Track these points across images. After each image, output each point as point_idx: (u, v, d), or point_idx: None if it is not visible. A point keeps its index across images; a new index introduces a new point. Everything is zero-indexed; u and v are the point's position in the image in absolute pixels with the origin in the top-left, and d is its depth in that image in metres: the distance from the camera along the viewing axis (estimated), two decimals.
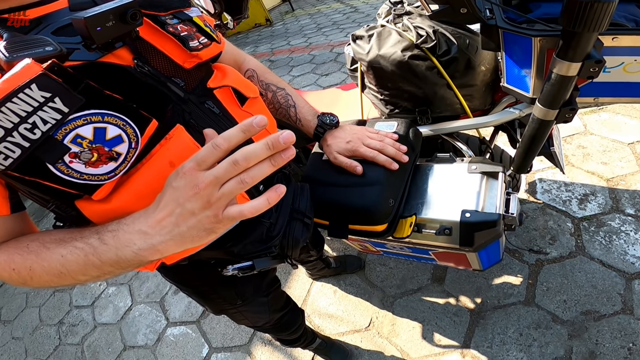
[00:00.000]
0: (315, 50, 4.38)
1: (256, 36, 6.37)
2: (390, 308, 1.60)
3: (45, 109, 0.40)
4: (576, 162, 1.82)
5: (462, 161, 0.90)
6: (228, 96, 0.64)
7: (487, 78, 0.93)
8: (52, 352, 2.17)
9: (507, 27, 0.68)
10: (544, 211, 1.67)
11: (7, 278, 0.47)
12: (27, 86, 0.39)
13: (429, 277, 1.62)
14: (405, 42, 0.89)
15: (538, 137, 0.79)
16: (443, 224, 0.82)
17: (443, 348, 1.42)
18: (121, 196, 0.48)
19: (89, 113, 0.43)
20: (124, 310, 2.17)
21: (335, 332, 1.61)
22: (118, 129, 0.46)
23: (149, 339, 1.96)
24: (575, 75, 0.61)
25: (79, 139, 0.43)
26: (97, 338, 2.11)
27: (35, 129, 0.40)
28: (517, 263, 1.54)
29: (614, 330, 1.27)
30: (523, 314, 1.39)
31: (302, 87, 3.69)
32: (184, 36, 0.58)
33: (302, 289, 1.83)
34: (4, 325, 2.51)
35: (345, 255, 1.84)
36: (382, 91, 1.01)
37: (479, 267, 1.00)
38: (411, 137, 0.86)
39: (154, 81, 0.54)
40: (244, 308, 0.89)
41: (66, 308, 2.39)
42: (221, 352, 1.75)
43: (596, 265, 1.43)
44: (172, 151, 0.51)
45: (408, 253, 1.07)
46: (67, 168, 0.43)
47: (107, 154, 0.45)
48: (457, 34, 0.87)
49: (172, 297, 2.08)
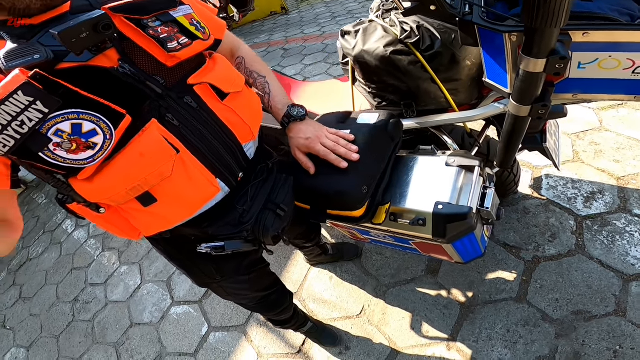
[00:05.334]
0: (328, 39, 4.36)
1: (272, 24, 6.37)
2: (382, 297, 1.63)
3: (30, 110, 0.50)
4: (587, 159, 1.77)
5: (444, 154, 0.92)
6: (207, 92, 0.70)
7: (473, 73, 0.93)
8: (65, 328, 2.32)
9: (481, 23, 0.69)
10: (547, 208, 1.64)
11: None
12: (15, 92, 0.49)
13: (424, 269, 1.64)
14: (389, 37, 0.91)
15: (515, 132, 0.80)
16: (418, 215, 0.85)
17: (430, 340, 1.44)
18: (101, 178, 0.59)
19: (67, 112, 0.53)
20: (134, 289, 2.30)
21: (328, 317, 1.66)
22: (92, 124, 0.55)
23: (154, 317, 2.07)
24: (541, 72, 0.62)
25: (59, 132, 0.54)
26: (107, 315, 2.24)
27: (23, 125, 0.51)
28: (513, 259, 1.53)
29: (602, 332, 1.25)
30: (513, 310, 1.40)
31: (313, 76, 3.69)
32: (163, 38, 0.64)
33: (299, 274, 1.88)
34: (24, 302, 2.69)
35: (343, 243, 1.88)
36: (369, 85, 1.03)
37: (459, 259, 1.02)
38: (390, 129, 0.88)
39: (134, 80, 0.61)
40: (225, 284, 0.96)
41: (81, 285, 2.55)
42: (219, 331, 1.84)
43: (594, 265, 1.41)
44: (143, 144, 0.60)
45: (392, 242, 1.10)
46: (52, 154, 0.54)
47: (84, 144, 0.55)
48: (442, 29, 0.88)
49: (179, 277, 2.19)
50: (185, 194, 0.68)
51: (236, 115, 0.74)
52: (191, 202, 0.70)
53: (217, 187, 0.71)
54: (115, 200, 0.63)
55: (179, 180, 0.66)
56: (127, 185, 0.61)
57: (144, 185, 0.62)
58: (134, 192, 0.62)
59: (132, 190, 0.62)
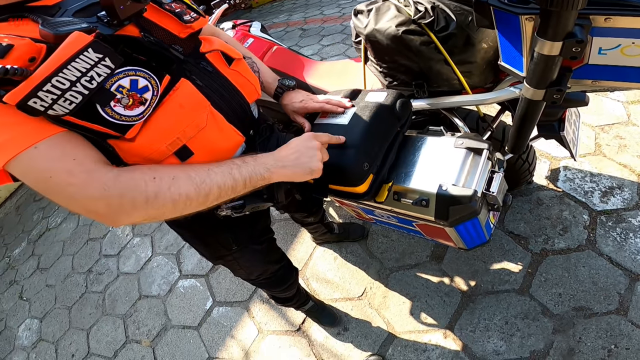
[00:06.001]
0: (347, 20, 4.28)
1: (291, 4, 6.27)
2: (385, 280, 1.64)
3: (99, 66, 0.54)
4: (609, 153, 1.71)
5: (452, 135, 0.90)
6: (218, 58, 0.78)
7: (489, 55, 0.91)
8: (77, 299, 2.42)
9: (495, 4, 0.66)
10: (562, 200, 1.61)
11: (142, 188, 0.57)
12: (85, 49, 0.52)
13: (429, 255, 1.64)
14: (402, 17, 0.89)
15: (528, 117, 0.78)
16: (421, 195, 0.85)
17: (427, 326, 1.45)
18: (144, 135, 0.61)
19: (127, 69, 0.58)
20: (144, 261, 2.36)
21: (329, 297, 1.69)
22: (145, 80, 0.60)
23: (162, 290, 2.14)
24: (558, 55, 0.60)
25: (120, 87, 0.57)
26: (118, 287, 2.32)
27: (92, 81, 0.54)
28: (521, 250, 1.52)
29: (600, 330, 1.24)
30: (514, 302, 1.39)
31: (330, 57, 3.65)
32: (179, 12, 0.72)
33: (305, 252, 1.91)
34: (41, 273, 2.80)
35: (349, 223, 1.89)
36: (380, 64, 1.02)
37: (463, 245, 1.02)
38: (397, 108, 0.87)
39: (159, 47, 0.66)
40: (239, 254, 0.99)
41: (96, 257, 2.63)
42: (223, 306, 1.89)
43: (603, 261, 1.39)
44: (181, 97, 0.65)
45: (395, 223, 1.10)
46: (111, 110, 0.57)
47: (138, 99, 0.59)
48: (459, 10, 0.85)
49: (188, 251, 2.24)
50: (218, 144, 0.72)
51: (242, 77, 0.80)
52: (223, 152, 0.74)
53: (241, 135, 0.76)
54: (155, 157, 0.64)
55: (211, 131, 0.70)
56: (167, 139, 0.63)
57: (182, 138, 0.65)
58: (172, 146, 0.65)
59: (171, 145, 0.64)
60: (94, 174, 0.55)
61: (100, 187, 0.54)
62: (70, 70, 0.51)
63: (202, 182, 0.62)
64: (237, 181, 0.66)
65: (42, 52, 0.51)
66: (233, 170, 0.66)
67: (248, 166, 0.68)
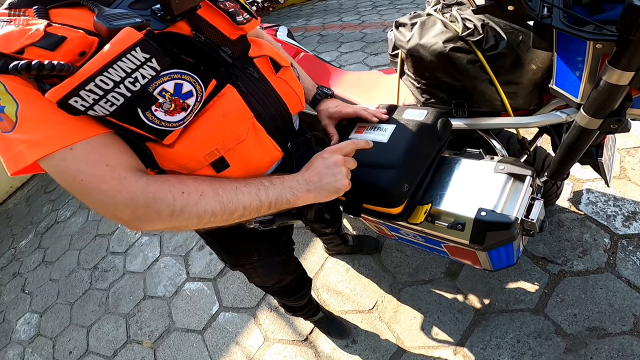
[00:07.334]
0: (367, 28, 4.26)
1: (309, 9, 6.27)
2: (397, 294, 1.62)
3: (145, 67, 0.51)
4: (634, 177, 1.69)
5: (492, 159, 0.88)
6: (265, 64, 0.74)
7: (537, 77, 0.88)
8: (80, 295, 2.37)
9: (563, 28, 0.64)
10: (583, 223, 1.59)
11: (169, 202, 0.56)
12: (133, 48, 0.49)
13: (443, 271, 1.62)
14: (449, 33, 0.86)
15: (578, 145, 0.76)
16: (457, 219, 0.82)
17: (438, 342, 1.43)
18: (182, 142, 0.59)
19: (172, 72, 0.55)
20: (152, 261, 2.33)
21: (339, 309, 1.66)
22: (190, 85, 0.57)
23: (168, 291, 2.10)
24: (626, 85, 0.58)
25: (163, 91, 0.54)
26: (123, 285, 2.28)
27: (136, 82, 0.51)
28: (538, 270, 1.50)
29: (612, 350, 1.23)
30: (527, 321, 1.37)
31: (349, 64, 3.62)
32: (232, 12, 0.69)
33: (316, 262, 1.88)
34: (46, 266, 2.75)
35: (364, 236, 1.86)
36: (419, 80, 0.99)
37: (489, 267, 1.00)
38: (439, 128, 0.85)
39: (209, 49, 0.63)
40: (259, 264, 0.98)
41: (103, 253, 2.59)
42: (230, 311, 1.86)
43: (621, 284, 1.37)
44: (225, 105, 0.62)
45: (421, 242, 1.07)
46: (152, 115, 0.54)
47: (181, 105, 0.56)
48: (509, 29, 0.83)
49: (197, 253, 2.21)
50: (255, 158, 0.70)
51: (288, 86, 0.77)
52: (259, 167, 0.72)
53: (280, 150, 0.74)
54: (190, 166, 0.62)
55: (251, 143, 0.68)
56: (206, 149, 0.61)
57: (221, 150, 0.63)
58: (210, 156, 0.63)
59: (209, 155, 0.62)
60: (125, 181, 0.53)
61: (128, 195, 0.53)
62: (115, 69, 0.49)
63: (229, 202, 0.61)
64: (262, 203, 0.64)
65: (93, 45, 0.49)
66: (260, 192, 0.64)
67: (275, 189, 0.65)
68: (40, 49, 0.46)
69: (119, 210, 0.54)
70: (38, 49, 0.46)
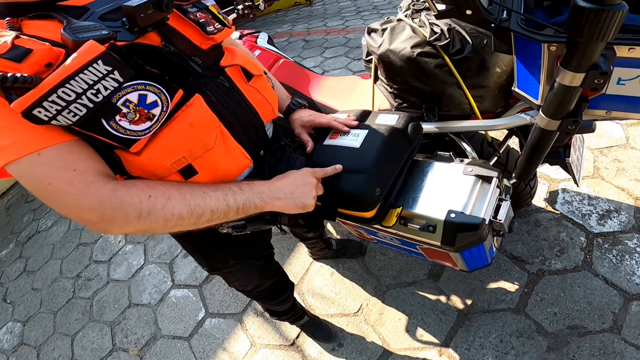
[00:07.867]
0: (350, 33, 4.30)
1: (295, 14, 6.32)
2: (381, 297, 1.63)
3: (107, 79, 0.52)
4: (607, 176, 1.73)
5: (461, 162, 0.90)
6: (237, 73, 0.75)
7: (502, 80, 0.91)
8: (64, 304, 2.33)
9: (519, 31, 0.66)
10: (559, 222, 1.62)
11: (136, 205, 0.57)
12: (95, 61, 0.50)
13: (426, 273, 1.63)
14: (417, 38, 0.88)
15: (540, 146, 0.77)
16: (429, 221, 0.84)
17: (423, 343, 1.44)
18: (149, 150, 0.60)
19: (136, 83, 0.56)
20: (136, 269, 2.30)
21: (325, 312, 1.66)
22: (155, 96, 0.58)
23: (153, 299, 2.08)
24: (578, 86, 0.60)
25: (127, 102, 0.55)
26: (107, 294, 2.25)
27: (98, 94, 0.52)
28: (517, 270, 1.52)
29: (594, 348, 1.25)
30: (509, 321, 1.39)
31: (333, 69, 3.65)
32: (203, 22, 0.70)
33: (301, 267, 1.88)
34: (27, 276, 2.70)
35: (347, 240, 1.87)
36: (391, 84, 1.01)
37: (465, 268, 1.01)
38: (410, 132, 0.86)
39: (179, 59, 0.64)
40: (236, 269, 0.99)
41: (86, 262, 2.55)
42: (216, 317, 1.85)
43: (599, 282, 1.40)
44: (192, 115, 0.63)
45: (398, 245, 1.08)
46: (116, 125, 0.55)
47: (145, 115, 0.57)
48: (474, 33, 0.85)
49: (182, 260, 2.19)
50: (224, 166, 0.71)
51: (260, 95, 0.79)
52: (227, 174, 0.73)
53: (249, 159, 0.75)
54: (158, 173, 0.63)
55: (219, 152, 0.68)
56: (173, 157, 0.62)
57: (188, 158, 0.64)
58: (178, 164, 0.64)
59: (176, 163, 0.63)
60: (92, 185, 0.55)
61: (96, 199, 0.55)
62: (77, 82, 0.50)
63: (196, 205, 0.62)
64: (230, 207, 0.66)
65: (60, 57, 0.50)
66: (228, 197, 0.66)
67: (244, 194, 0.68)
68: (7, 61, 0.47)
69: (87, 214, 0.56)
70: (5, 61, 0.47)
